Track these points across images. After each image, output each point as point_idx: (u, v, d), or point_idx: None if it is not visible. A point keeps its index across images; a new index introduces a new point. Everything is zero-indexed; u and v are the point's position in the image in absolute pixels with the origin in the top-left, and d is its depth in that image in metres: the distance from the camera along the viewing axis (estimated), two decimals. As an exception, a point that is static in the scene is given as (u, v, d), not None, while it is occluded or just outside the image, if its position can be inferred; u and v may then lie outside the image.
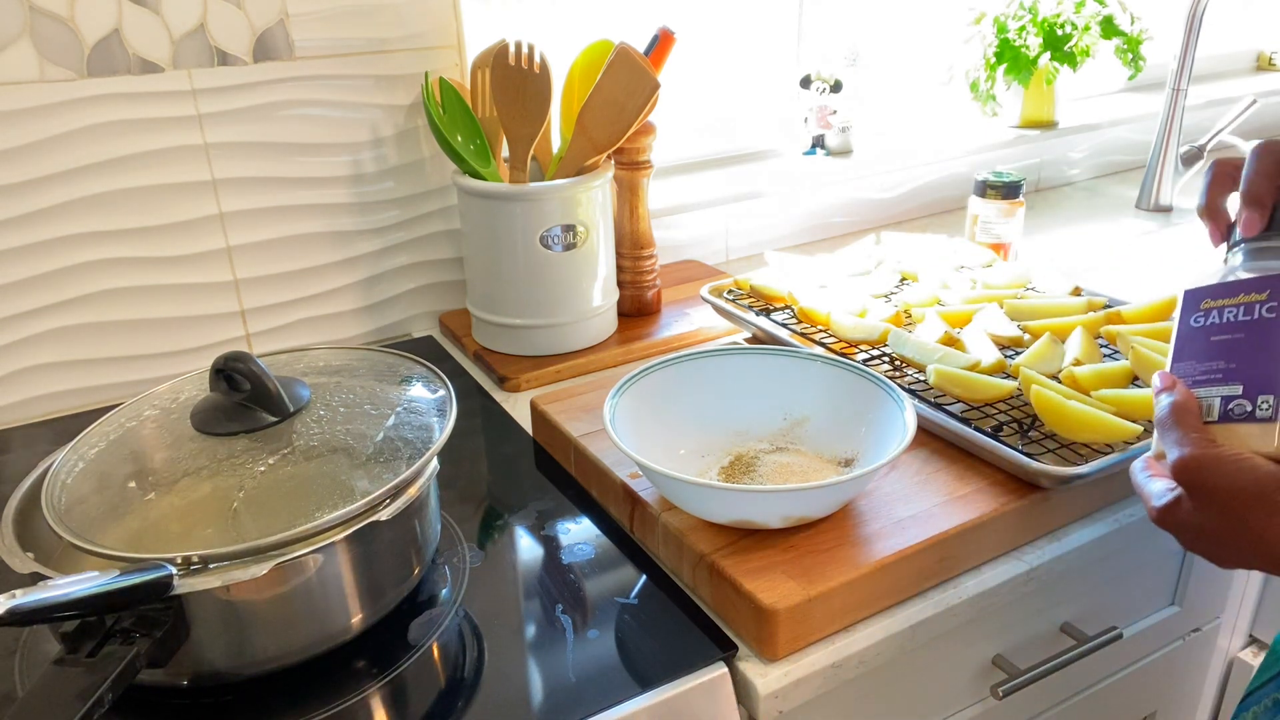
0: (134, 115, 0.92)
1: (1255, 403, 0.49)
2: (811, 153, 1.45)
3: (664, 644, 0.64)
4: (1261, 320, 0.51)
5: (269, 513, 0.59)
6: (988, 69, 1.52)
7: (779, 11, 1.41)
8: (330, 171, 1.03)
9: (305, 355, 0.76)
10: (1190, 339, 0.54)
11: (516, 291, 1.00)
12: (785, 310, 1.00)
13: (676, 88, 1.24)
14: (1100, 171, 1.72)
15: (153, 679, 0.58)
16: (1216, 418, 0.51)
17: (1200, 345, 0.53)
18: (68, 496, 0.60)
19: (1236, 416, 0.50)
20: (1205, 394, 0.52)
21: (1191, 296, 0.56)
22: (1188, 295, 0.56)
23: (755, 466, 0.75)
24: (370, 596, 0.63)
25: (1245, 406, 0.50)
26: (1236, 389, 0.50)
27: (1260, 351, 0.50)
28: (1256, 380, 0.50)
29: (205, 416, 0.64)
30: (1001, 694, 0.74)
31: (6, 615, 0.47)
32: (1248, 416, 0.49)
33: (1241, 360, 0.51)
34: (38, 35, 0.86)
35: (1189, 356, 0.54)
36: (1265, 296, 0.52)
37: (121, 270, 0.96)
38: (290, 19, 0.97)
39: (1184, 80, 1.44)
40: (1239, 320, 0.52)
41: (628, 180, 1.06)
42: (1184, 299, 0.56)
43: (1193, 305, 0.55)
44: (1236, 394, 0.50)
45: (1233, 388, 0.50)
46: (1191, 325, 0.55)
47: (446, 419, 0.67)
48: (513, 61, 0.95)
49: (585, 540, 0.75)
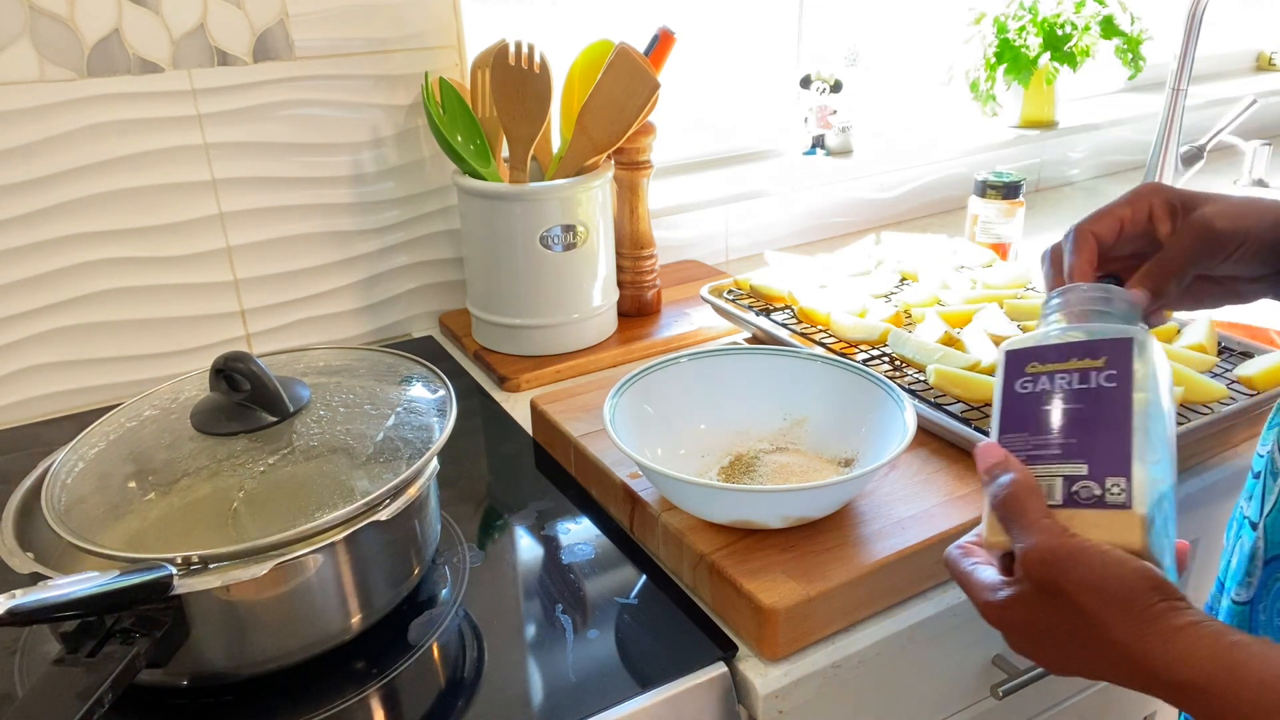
0: (134, 115, 0.92)
1: (1104, 485, 0.44)
2: (811, 153, 1.45)
3: (664, 644, 0.64)
4: (1100, 390, 0.46)
5: (269, 513, 0.59)
6: (988, 69, 1.52)
7: (779, 11, 1.41)
8: (330, 171, 1.03)
9: (305, 355, 0.76)
10: (1018, 407, 0.48)
11: (516, 291, 1.00)
12: (785, 310, 1.00)
13: (677, 88, 1.24)
14: (1100, 171, 1.72)
15: (153, 679, 0.58)
16: (1060, 501, 0.45)
17: (1031, 415, 0.47)
18: (68, 496, 0.60)
19: (1084, 501, 0.44)
20: (1043, 472, 0.46)
21: (1015, 358, 0.50)
22: (1010, 357, 0.50)
23: (755, 466, 0.75)
24: (370, 596, 0.63)
25: (1094, 490, 0.44)
26: (1081, 468, 0.44)
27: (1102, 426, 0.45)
28: (1103, 459, 0.44)
29: (205, 416, 0.64)
30: (1001, 694, 0.74)
31: (6, 615, 0.47)
32: (1097, 502, 0.44)
33: (1082, 435, 0.45)
34: (38, 35, 0.86)
35: (1019, 428, 0.48)
36: (1102, 364, 0.46)
37: (121, 270, 0.96)
38: (290, 19, 0.97)
39: (1184, 80, 1.44)
40: (1074, 389, 0.46)
41: (628, 180, 1.06)
42: (1006, 360, 0.50)
43: (1017, 369, 0.49)
44: (1081, 474, 0.44)
45: (1076, 466, 0.45)
46: (1018, 391, 0.48)
47: (446, 419, 0.67)
48: (513, 61, 0.95)
49: (585, 540, 0.75)
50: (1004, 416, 0.49)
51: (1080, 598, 0.42)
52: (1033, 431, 0.47)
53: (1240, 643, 0.40)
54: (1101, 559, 0.42)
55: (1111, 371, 0.46)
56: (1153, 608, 0.41)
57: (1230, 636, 0.41)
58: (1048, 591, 0.43)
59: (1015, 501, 0.45)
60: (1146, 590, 0.42)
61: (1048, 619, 0.44)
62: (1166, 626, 0.41)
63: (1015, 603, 0.45)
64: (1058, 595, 0.43)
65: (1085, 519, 0.44)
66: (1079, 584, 0.42)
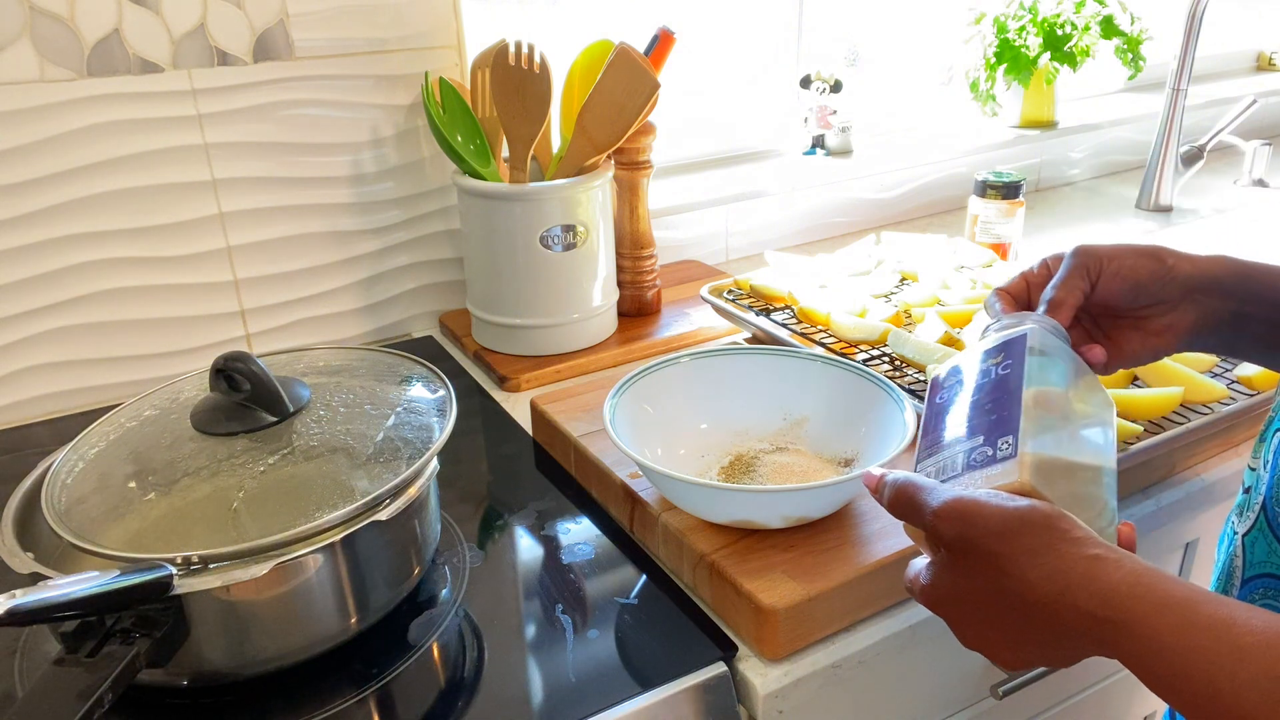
0: (134, 115, 0.92)
1: (996, 446, 0.48)
2: (811, 153, 1.45)
3: (664, 644, 0.64)
4: (997, 379, 0.51)
5: (269, 513, 0.59)
6: (988, 69, 1.52)
7: (779, 11, 1.41)
8: (330, 171, 1.03)
9: (305, 355, 0.76)
10: (933, 416, 0.54)
11: (516, 291, 1.00)
12: (785, 310, 1.00)
13: (676, 88, 1.24)
14: (1100, 171, 1.72)
15: (153, 679, 0.58)
16: (959, 470, 0.49)
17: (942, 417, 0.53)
18: (68, 496, 0.60)
19: (978, 463, 0.48)
20: (949, 453, 0.50)
21: (936, 380, 0.57)
22: (933, 381, 0.57)
23: (755, 466, 0.75)
24: (370, 596, 0.63)
25: (987, 452, 0.48)
26: (978, 440, 0.49)
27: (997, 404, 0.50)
28: (995, 427, 0.48)
29: (205, 416, 0.64)
30: (1001, 694, 0.74)
31: (6, 615, 0.47)
32: (989, 460, 0.47)
33: (981, 417, 0.50)
34: (38, 35, 0.86)
35: (931, 430, 0.53)
36: (999, 359, 0.52)
37: (121, 270, 0.96)
38: (290, 19, 0.97)
39: (1184, 80, 1.44)
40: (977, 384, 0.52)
41: (628, 180, 1.06)
42: (930, 385, 0.57)
43: (937, 386, 0.56)
44: (978, 444, 0.49)
45: (974, 440, 0.49)
46: (935, 403, 0.55)
47: (446, 419, 0.67)
48: (513, 61, 0.95)
49: (585, 540, 0.75)
50: (923, 429, 0.54)
51: (990, 544, 0.43)
52: (940, 428, 0.52)
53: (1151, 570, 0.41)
54: (998, 503, 0.44)
55: (1008, 362, 0.51)
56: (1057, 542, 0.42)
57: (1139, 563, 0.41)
58: (961, 550, 0.44)
59: (902, 493, 0.47)
60: (1043, 526, 0.42)
61: (971, 581, 0.45)
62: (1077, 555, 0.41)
63: (939, 575, 0.46)
64: (971, 551, 0.44)
65: (979, 478, 0.47)
66: (985, 532, 0.43)
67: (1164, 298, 0.59)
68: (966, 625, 0.46)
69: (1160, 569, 0.41)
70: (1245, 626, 0.38)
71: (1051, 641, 0.43)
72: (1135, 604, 0.40)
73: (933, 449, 0.51)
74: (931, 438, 0.52)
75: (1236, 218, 1.49)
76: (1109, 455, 0.51)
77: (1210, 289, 0.59)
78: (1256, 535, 0.49)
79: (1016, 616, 0.43)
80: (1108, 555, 0.41)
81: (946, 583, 0.46)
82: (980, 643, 0.46)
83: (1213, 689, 0.37)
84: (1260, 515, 0.48)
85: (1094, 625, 0.40)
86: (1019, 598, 0.42)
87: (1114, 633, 0.40)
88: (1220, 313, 0.60)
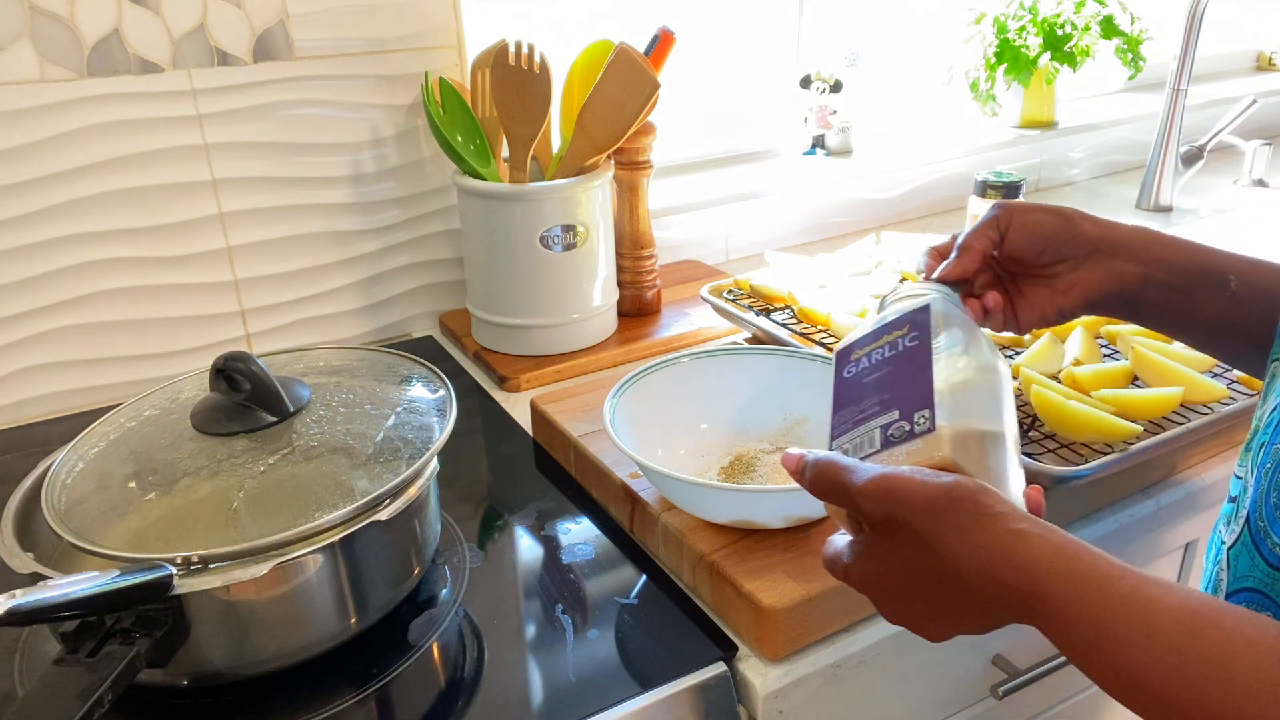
0: (134, 115, 0.92)
1: (913, 421, 0.47)
2: (811, 153, 1.45)
3: (664, 644, 0.64)
4: (905, 351, 0.51)
5: (269, 513, 0.59)
6: (988, 69, 1.52)
7: (779, 11, 1.41)
8: (330, 171, 1.03)
9: (305, 355, 0.76)
10: (845, 391, 0.53)
11: (516, 291, 1.00)
12: (785, 310, 1.00)
13: (676, 88, 1.24)
14: (1100, 171, 1.72)
15: (153, 679, 0.58)
16: (878, 447, 0.48)
17: (853, 392, 0.52)
18: (68, 496, 0.60)
19: (897, 439, 0.47)
20: (865, 430, 0.50)
21: (842, 353, 0.56)
22: (839, 354, 0.56)
23: (755, 466, 0.75)
24: (370, 597, 0.63)
25: (904, 427, 0.47)
26: (894, 415, 0.48)
27: (908, 376, 0.50)
28: (910, 401, 0.48)
29: (205, 416, 0.64)
30: (1001, 694, 0.74)
31: (6, 615, 0.47)
32: (907, 435, 0.47)
33: (892, 390, 0.50)
34: (38, 35, 0.86)
35: (843, 406, 0.52)
36: (905, 330, 0.52)
37: (121, 270, 0.96)
38: (290, 19, 0.97)
39: (1184, 80, 1.44)
40: (886, 357, 0.52)
41: (628, 180, 1.06)
42: (836, 358, 0.56)
43: (844, 359, 0.55)
44: (894, 419, 0.48)
45: (889, 415, 0.49)
46: (844, 377, 0.54)
47: (446, 419, 0.67)
48: (513, 61, 0.95)
49: (585, 540, 0.75)
50: (834, 403, 0.53)
51: (915, 522, 0.43)
52: (854, 403, 0.52)
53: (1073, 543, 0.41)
54: (921, 479, 0.43)
55: (914, 334, 0.52)
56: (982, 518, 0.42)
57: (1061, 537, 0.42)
58: (888, 528, 0.44)
59: (825, 473, 0.47)
60: (969, 501, 0.43)
61: (897, 559, 0.44)
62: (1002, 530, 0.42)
63: (864, 553, 0.46)
64: (898, 530, 0.44)
65: (899, 453, 0.47)
66: (912, 510, 0.43)
67: (1069, 255, 0.62)
68: (892, 602, 0.46)
69: (1083, 542, 0.42)
70: (1160, 604, 0.39)
71: (976, 613, 0.44)
72: (1055, 578, 0.40)
73: (847, 425, 0.51)
74: (845, 414, 0.52)
75: (1236, 218, 1.49)
76: (1011, 420, 0.51)
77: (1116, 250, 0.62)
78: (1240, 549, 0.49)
79: (942, 591, 0.44)
80: (1031, 529, 0.42)
81: (872, 561, 0.46)
82: (906, 618, 0.47)
83: (1125, 662, 0.38)
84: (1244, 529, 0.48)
85: (1016, 597, 0.41)
86: (945, 574, 0.43)
87: (1035, 605, 0.41)
88: (1125, 274, 0.62)
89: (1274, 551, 0.45)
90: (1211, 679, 0.36)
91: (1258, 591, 0.46)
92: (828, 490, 0.47)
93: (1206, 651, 0.37)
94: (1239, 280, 0.62)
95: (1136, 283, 0.62)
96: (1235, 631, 0.37)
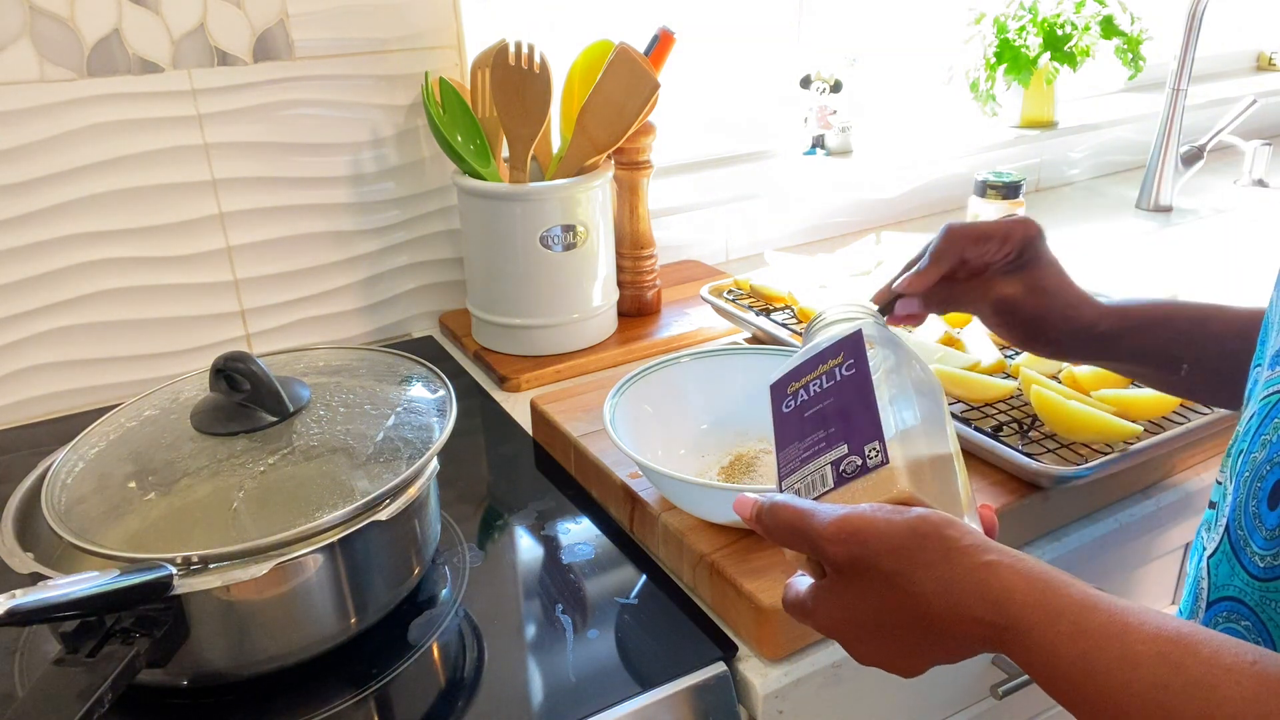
0: (134, 115, 0.92)
1: (864, 455, 0.46)
2: (811, 153, 1.45)
3: (664, 644, 0.64)
4: (843, 380, 0.50)
5: (269, 513, 0.59)
6: (988, 69, 1.52)
7: (779, 11, 1.41)
8: (330, 171, 1.03)
9: (305, 355, 0.76)
10: (785, 426, 0.52)
11: (516, 291, 1.00)
12: (785, 310, 1.00)
13: (676, 88, 1.24)
14: (1100, 171, 1.72)
15: (153, 679, 0.58)
16: (832, 485, 0.47)
17: (795, 426, 0.51)
18: (68, 496, 0.60)
19: (850, 475, 0.46)
20: (815, 466, 0.48)
21: (778, 386, 0.54)
22: (774, 387, 0.55)
23: (755, 466, 0.75)
24: (370, 597, 0.63)
25: (856, 462, 0.46)
26: (843, 450, 0.47)
27: (852, 409, 0.48)
28: (858, 434, 0.47)
29: (205, 416, 0.64)
30: (1001, 694, 0.74)
31: (6, 615, 0.47)
32: (860, 470, 0.46)
33: (838, 423, 0.48)
34: (38, 35, 0.86)
35: (789, 442, 0.51)
36: (840, 359, 0.51)
37: (121, 270, 0.96)
38: (290, 19, 0.97)
39: (1184, 80, 1.44)
40: (824, 388, 0.50)
41: (628, 180, 1.06)
42: (771, 392, 0.54)
43: (780, 393, 0.54)
44: (844, 454, 0.47)
45: (839, 450, 0.47)
46: (784, 412, 0.52)
47: (446, 419, 0.67)
48: (513, 61, 0.95)
49: (585, 540, 0.75)
50: (778, 440, 0.52)
51: (882, 563, 0.42)
52: (799, 438, 0.50)
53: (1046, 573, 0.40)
54: (884, 517, 0.42)
55: (850, 361, 0.50)
56: (950, 552, 0.41)
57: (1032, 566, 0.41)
58: (853, 570, 0.43)
59: (783, 520, 0.45)
60: (935, 537, 0.42)
61: (865, 601, 0.43)
62: (971, 564, 0.41)
63: (830, 598, 0.45)
64: (864, 572, 0.43)
65: (855, 490, 0.46)
66: (877, 550, 0.42)
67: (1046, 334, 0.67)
68: (862, 644, 0.45)
69: (1055, 570, 0.41)
70: (1138, 634, 0.38)
71: (950, 649, 0.43)
72: (1029, 611, 0.39)
73: (794, 464, 0.49)
74: (790, 450, 0.50)
75: (1236, 218, 1.49)
76: (953, 439, 0.50)
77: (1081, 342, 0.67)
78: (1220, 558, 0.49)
79: (914, 630, 0.43)
80: (1000, 560, 0.41)
81: (839, 606, 0.45)
82: (878, 659, 0.46)
83: (1105, 697, 0.37)
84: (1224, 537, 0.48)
85: (990, 632, 0.40)
86: (915, 612, 0.42)
87: (1010, 638, 0.40)
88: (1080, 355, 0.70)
89: (1254, 561, 0.45)
90: (1190, 711, 0.36)
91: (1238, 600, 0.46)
92: (787, 536, 0.46)
93: (1187, 683, 0.36)
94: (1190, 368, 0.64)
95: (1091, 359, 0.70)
96: (1213, 660, 0.36)
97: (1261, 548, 0.44)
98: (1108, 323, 0.66)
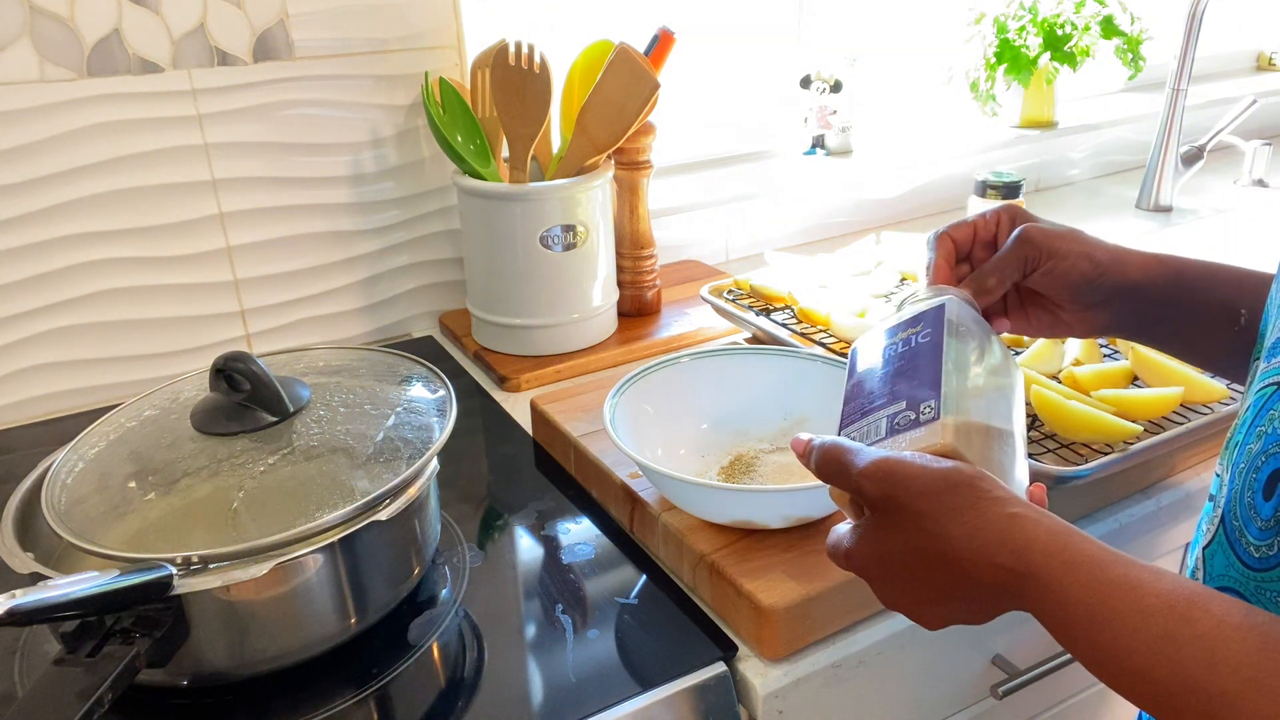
0: (134, 115, 0.92)
1: (919, 410, 0.49)
2: (811, 153, 1.45)
3: (664, 644, 0.64)
4: (917, 347, 0.53)
5: (269, 513, 0.59)
6: (988, 69, 1.52)
7: (779, 11, 1.41)
8: (330, 171, 1.03)
9: (305, 355, 0.76)
10: (857, 385, 0.55)
11: (516, 291, 1.00)
12: (785, 310, 1.00)
13: (676, 88, 1.24)
14: (1100, 171, 1.72)
15: (153, 679, 0.58)
16: (884, 434, 0.49)
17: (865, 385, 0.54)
18: (68, 496, 0.60)
19: (902, 427, 0.49)
20: (872, 419, 0.51)
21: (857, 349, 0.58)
22: (853, 351, 0.58)
23: (755, 466, 0.75)
24: (370, 597, 0.63)
25: (910, 416, 0.49)
26: (900, 405, 0.50)
27: (917, 370, 0.51)
28: (917, 393, 0.50)
29: (205, 416, 0.64)
30: (1001, 694, 0.74)
31: (6, 615, 0.47)
32: (912, 424, 0.48)
33: (902, 383, 0.51)
34: (38, 35, 0.86)
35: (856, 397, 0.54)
36: (919, 328, 0.54)
37: (121, 270, 0.96)
38: (290, 19, 0.97)
39: (1184, 80, 1.44)
40: (899, 352, 0.53)
41: (628, 180, 1.06)
42: (850, 355, 0.58)
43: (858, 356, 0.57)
44: (901, 409, 0.50)
45: (896, 405, 0.50)
46: (858, 373, 0.55)
47: (446, 419, 0.67)
48: (513, 61, 0.95)
49: (585, 540, 0.75)
50: (847, 394, 0.55)
51: (914, 504, 0.44)
52: (864, 395, 0.53)
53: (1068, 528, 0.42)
54: (922, 463, 0.45)
55: (927, 330, 0.53)
56: (978, 500, 0.43)
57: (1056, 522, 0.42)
58: (886, 509, 0.45)
59: (829, 456, 0.48)
60: (966, 485, 0.43)
61: (895, 540, 0.45)
62: (998, 513, 0.42)
63: (864, 536, 0.47)
64: (896, 510, 0.45)
65: (903, 441, 0.48)
66: (910, 491, 0.44)
67: (1088, 300, 0.61)
68: (889, 584, 0.47)
69: (1077, 528, 0.42)
70: (1151, 588, 0.39)
71: (972, 597, 0.44)
72: (1048, 560, 0.41)
73: (856, 415, 0.52)
74: (855, 404, 0.53)
75: (1236, 218, 1.49)
76: (1019, 422, 0.52)
77: (1133, 293, 0.61)
78: (1215, 548, 0.49)
79: (938, 573, 0.44)
80: (1026, 513, 0.43)
81: (871, 543, 0.47)
82: (902, 601, 0.47)
83: (1116, 645, 0.39)
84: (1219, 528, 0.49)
85: (1010, 579, 0.42)
86: (941, 555, 0.43)
87: (1028, 587, 0.41)
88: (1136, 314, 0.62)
89: (1249, 552, 0.46)
90: (1199, 662, 0.37)
91: (1234, 591, 0.47)
92: (831, 473, 0.48)
93: (1194, 635, 0.37)
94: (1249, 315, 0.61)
95: (1146, 322, 0.63)
96: (1223, 618, 0.37)
97: (1257, 538, 0.45)
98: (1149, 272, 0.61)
